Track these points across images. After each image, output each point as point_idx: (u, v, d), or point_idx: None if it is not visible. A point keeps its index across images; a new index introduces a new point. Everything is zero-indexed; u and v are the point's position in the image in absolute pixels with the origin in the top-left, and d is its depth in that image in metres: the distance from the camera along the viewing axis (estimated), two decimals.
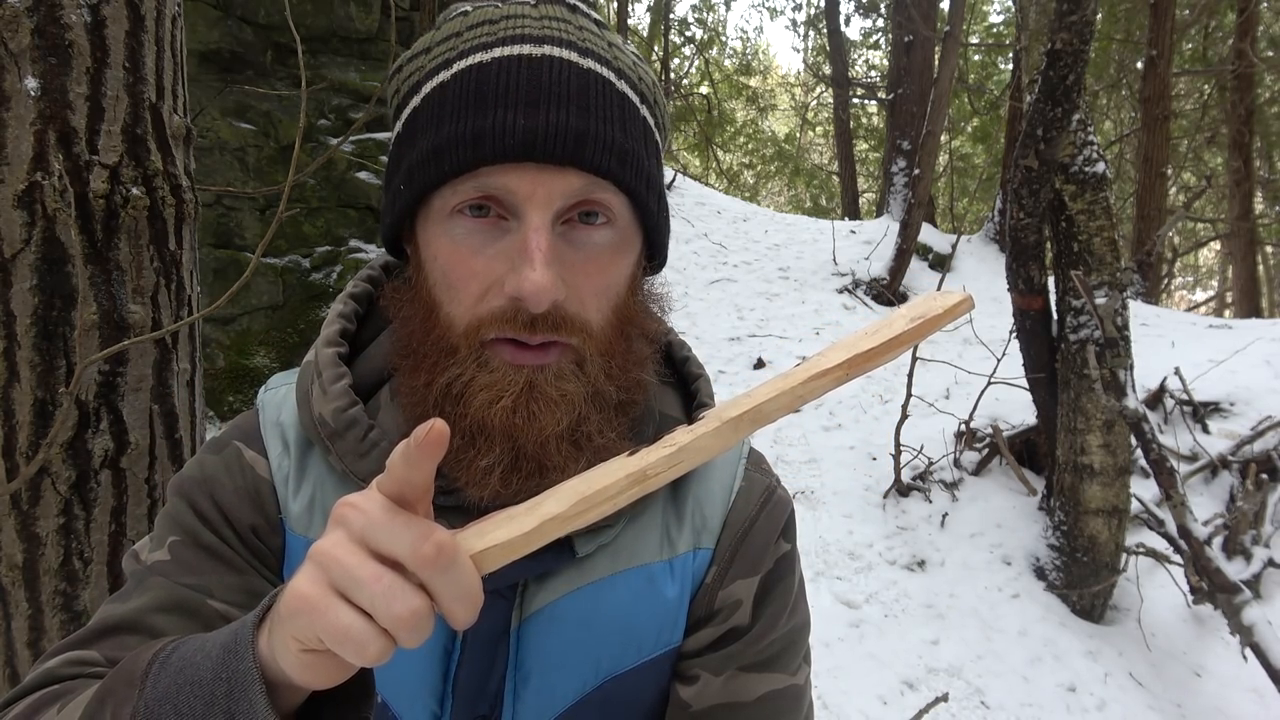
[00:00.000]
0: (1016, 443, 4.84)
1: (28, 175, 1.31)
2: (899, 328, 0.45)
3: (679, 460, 0.46)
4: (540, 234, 0.62)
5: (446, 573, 0.45)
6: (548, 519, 0.45)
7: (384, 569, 0.45)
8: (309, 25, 5.72)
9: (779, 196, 22.41)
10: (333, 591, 0.46)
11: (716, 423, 0.46)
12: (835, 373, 0.45)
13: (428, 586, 0.45)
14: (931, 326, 0.45)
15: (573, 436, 0.66)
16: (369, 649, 0.44)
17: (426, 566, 0.45)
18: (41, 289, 1.34)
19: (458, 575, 0.45)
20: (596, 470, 0.47)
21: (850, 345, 0.46)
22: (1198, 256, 21.44)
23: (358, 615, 0.45)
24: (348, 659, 0.45)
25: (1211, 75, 11.90)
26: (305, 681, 0.48)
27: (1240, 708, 3.42)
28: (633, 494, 0.46)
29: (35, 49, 1.30)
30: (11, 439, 1.35)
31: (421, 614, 0.45)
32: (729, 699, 0.75)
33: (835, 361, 0.45)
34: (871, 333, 0.46)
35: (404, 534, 0.46)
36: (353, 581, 0.45)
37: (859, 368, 0.45)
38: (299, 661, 0.47)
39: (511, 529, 0.46)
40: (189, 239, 1.56)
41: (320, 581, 0.46)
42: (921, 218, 8.01)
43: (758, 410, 0.45)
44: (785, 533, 0.81)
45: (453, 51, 0.67)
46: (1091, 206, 3.86)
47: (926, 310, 0.45)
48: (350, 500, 0.48)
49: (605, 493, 0.45)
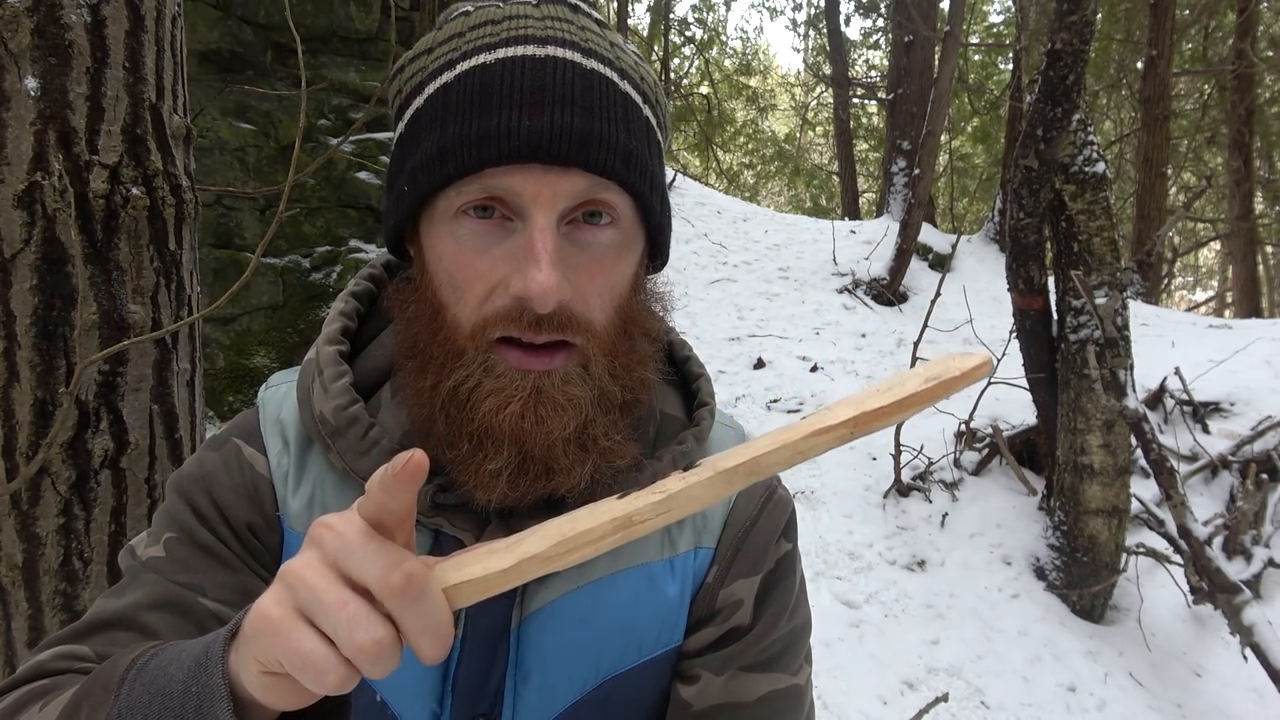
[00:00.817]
0: (1016, 443, 4.84)
1: (28, 175, 1.31)
2: (912, 388, 0.44)
3: (667, 509, 0.45)
4: (545, 235, 0.62)
5: (415, 604, 0.44)
6: (527, 558, 0.44)
7: (351, 595, 0.44)
8: (309, 25, 5.72)
9: (779, 196, 22.41)
10: (297, 614, 0.45)
11: (710, 473, 0.45)
12: (840, 430, 0.44)
13: (394, 617, 0.44)
14: (947, 389, 0.44)
15: (580, 439, 0.66)
16: (328, 677, 0.43)
17: (394, 596, 0.44)
18: (41, 289, 1.34)
19: (427, 608, 0.44)
20: (583, 511, 0.46)
21: (858, 402, 0.44)
22: (1198, 256, 21.44)
23: (320, 641, 0.44)
24: (307, 685, 0.44)
25: (1211, 75, 11.90)
26: (268, 703, 0.48)
27: (1240, 708, 3.42)
28: (616, 540, 0.45)
29: (35, 49, 1.30)
30: (11, 439, 1.35)
31: (384, 645, 0.43)
32: (730, 699, 0.75)
33: (840, 419, 0.43)
34: (883, 390, 0.44)
35: (375, 560, 0.44)
36: (318, 605, 0.44)
37: (865, 427, 0.44)
38: (260, 683, 0.47)
39: (490, 564, 0.45)
40: (189, 239, 1.56)
41: (286, 603, 0.45)
42: (921, 218, 8.00)
43: (755, 463, 0.44)
44: (786, 532, 0.81)
45: (455, 52, 0.67)
46: (1091, 206, 3.85)
47: (943, 372, 0.44)
48: (327, 521, 0.47)
49: (588, 535, 0.45)
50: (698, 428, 0.78)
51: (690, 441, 0.77)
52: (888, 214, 10.01)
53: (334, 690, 0.44)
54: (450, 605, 0.45)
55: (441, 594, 0.45)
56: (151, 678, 0.52)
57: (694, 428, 0.78)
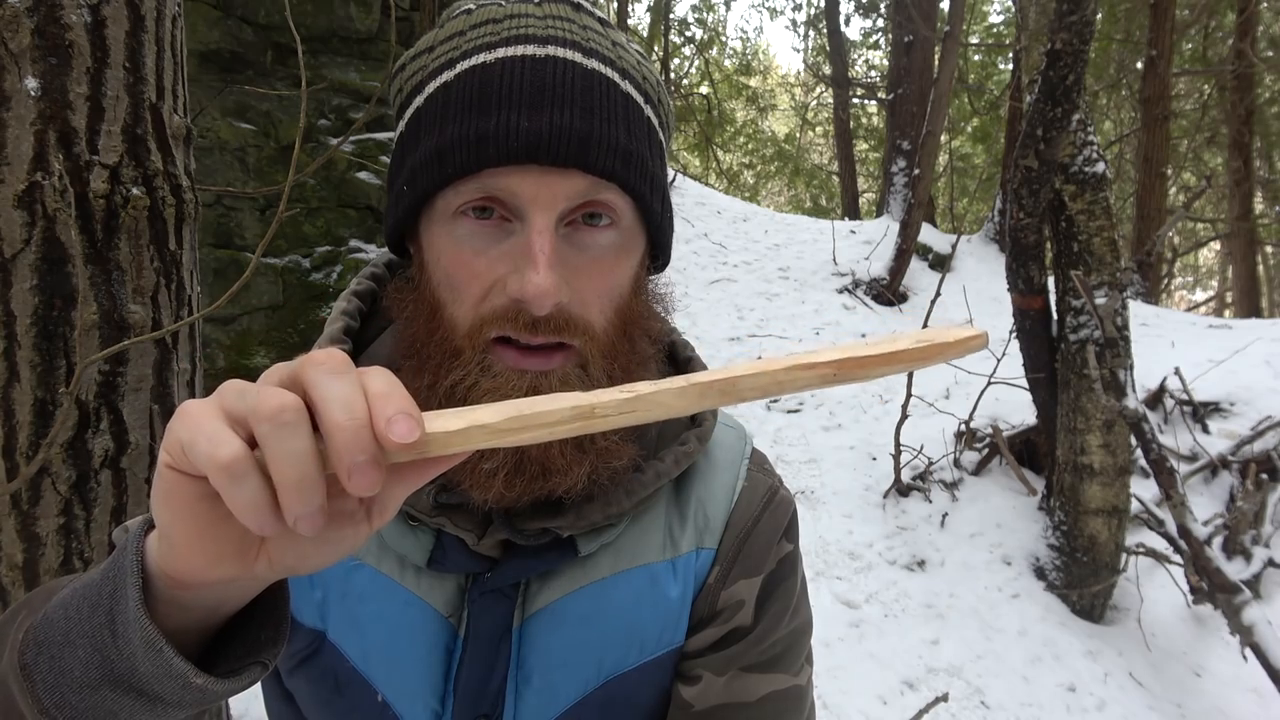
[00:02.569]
0: (1016, 443, 4.84)
1: (28, 175, 1.31)
2: (901, 344, 0.43)
3: (633, 409, 0.42)
4: (544, 236, 0.62)
5: (280, 430, 0.39)
6: (476, 425, 0.42)
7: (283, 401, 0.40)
8: (309, 25, 5.71)
9: (779, 196, 22.41)
10: (217, 406, 0.42)
11: (684, 383, 0.43)
12: (822, 369, 0.42)
13: (260, 443, 0.40)
14: (936, 353, 0.43)
15: (577, 440, 0.66)
16: (222, 448, 0.39)
17: (262, 419, 0.39)
18: (41, 289, 1.34)
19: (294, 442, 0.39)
20: (544, 395, 0.44)
21: (846, 348, 0.43)
22: (1198, 256, 21.44)
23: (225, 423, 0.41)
24: (198, 461, 0.40)
25: (1211, 75, 11.90)
26: (183, 566, 0.44)
27: (1240, 708, 3.42)
28: (574, 429, 0.42)
29: (35, 49, 1.30)
30: (11, 439, 1.35)
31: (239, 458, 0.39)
32: (731, 699, 0.75)
33: (825, 359, 0.42)
34: (872, 344, 0.43)
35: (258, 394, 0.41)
36: (237, 395, 0.42)
37: (849, 371, 0.42)
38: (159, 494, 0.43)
39: (435, 424, 0.42)
40: (189, 239, 1.56)
41: (208, 400, 0.43)
42: (921, 218, 8.00)
43: (731, 383, 0.42)
44: (788, 533, 0.81)
45: (456, 51, 0.67)
46: (1091, 206, 3.85)
47: (936, 336, 0.43)
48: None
49: (544, 418, 0.42)
50: (700, 428, 0.78)
51: (693, 441, 0.77)
52: (888, 214, 10.01)
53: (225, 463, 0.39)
54: (391, 458, 0.41)
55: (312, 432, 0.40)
56: (84, 579, 0.51)
57: (696, 428, 0.78)
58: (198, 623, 0.49)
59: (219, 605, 0.49)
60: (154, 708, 0.48)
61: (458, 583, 0.73)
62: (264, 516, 0.40)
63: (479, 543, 0.70)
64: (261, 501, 0.40)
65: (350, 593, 0.73)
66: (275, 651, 0.52)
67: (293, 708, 0.78)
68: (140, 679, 0.47)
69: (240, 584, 0.47)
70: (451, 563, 0.71)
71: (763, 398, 0.44)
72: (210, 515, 0.42)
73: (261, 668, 0.51)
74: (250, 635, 0.52)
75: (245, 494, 0.39)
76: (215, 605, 0.49)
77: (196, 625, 0.50)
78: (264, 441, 0.40)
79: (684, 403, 0.43)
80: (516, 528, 0.70)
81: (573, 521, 0.70)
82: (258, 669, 0.50)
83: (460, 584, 0.73)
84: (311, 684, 0.75)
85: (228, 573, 0.44)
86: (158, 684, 0.47)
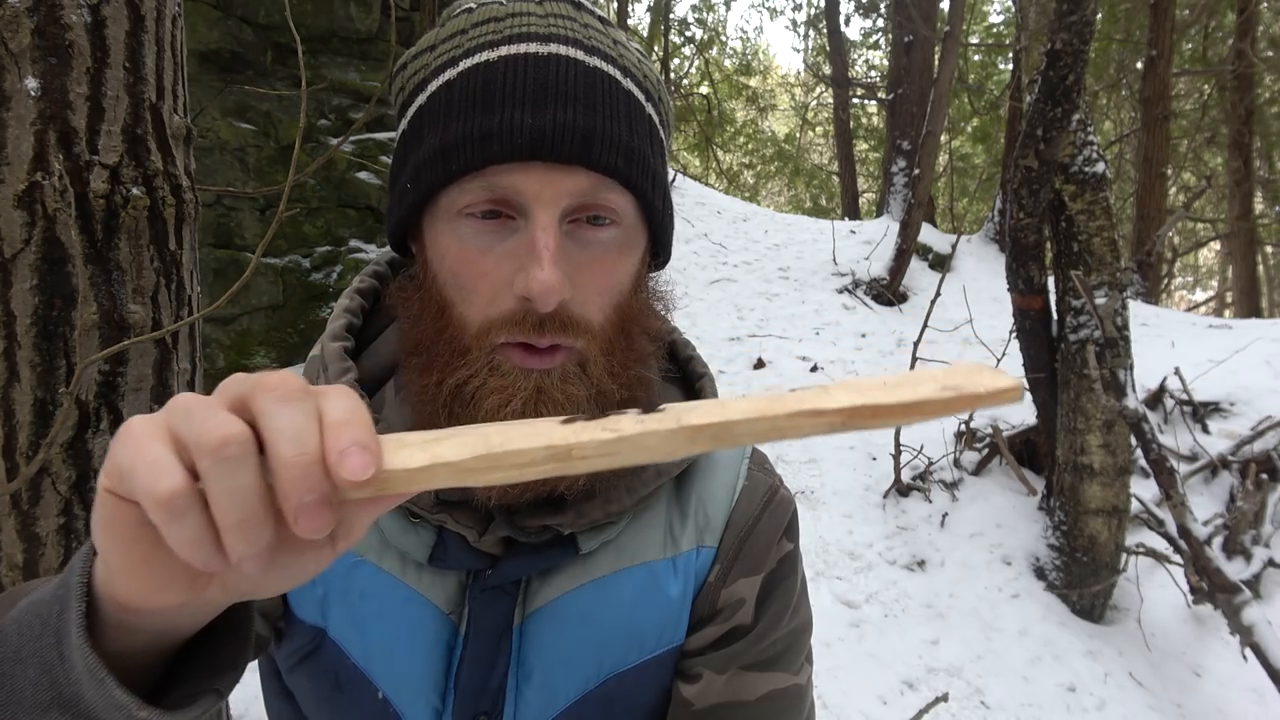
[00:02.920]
0: (1016, 443, 4.84)
1: (28, 175, 1.31)
2: (925, 393, 0.37)
3: (614, 451, 0.38)
4: (548, 233, 0.62)
5: (222, 465, 0.36)
6: (440, 463, 0.38)
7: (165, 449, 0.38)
8: (309, 25, 5.72)
9: (779, 196, 22.41)
10: (164, 428, 0.39)
11: (674, 424, 0.38)
12: (830, 418, 0.38)
13: (203, 478, 0.37)
14: (966, 405, 0.37)
15: None
16: (162, 481, 0.36)
17: (205, 453, 0.36)
18: (41, 289, 1.34)
19: (239, 478, 0.36)
20: (518, 427, 0.40)
21: (861, 391, 0.38)
22: (1198, 256, 21.44)
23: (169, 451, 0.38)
24: (136, 491, 0.37)
25: (1211, 75, 11.91)
26: (131, 589, 0.41)
27: (1240, 708, 3.42)
28: (547, 470, 0.39)
29: (35, 49, 1.30)
30: (11, 439, 1.35)
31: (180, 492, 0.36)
32: (731, 698, 0.75)
33: (835, 405, 0.38)
34: (891, 386, 0.38)
35: (202, 419, 0.37)
36: (184, 415, 0.38)
37: (860, 421, 0.38)
38: (98, 520, 0.40)
39: (396, 459, 0.38)
40: (189, 239, 1.56)
41: (156, 419, 0.40)
42: (921, 218, 8.01)
43: (724, 428, 0.38)
44: (788, 532, 0.81)
45: (458, 49, 0.67)
46: (1091, 206, 3.86)
47: (965, 385, 0.38)
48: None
49: (515, 458, 0.38)
50: None
51: None
52: (888, 214, 10.02)
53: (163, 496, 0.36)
54: (344, 494, 0.38)
55: (259, 466, 0.37)
56: (40, 592, 0.49)
57: None
58: (149, 645, 0.47)
59: (171, 629, 0.46)
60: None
61: (459, 580, 0.73)
62: (206, 554, 0.37)
63: (480, 539, 0.70)
64: (203, 539, 0.37)
65: (352, 589, 0.73)
66: (234, 676, 0.49)
67: (292, 706, 0.79)
68: (87, 706, 0.45)
69: (192, 609, 0.44)
70: (453, 559, 0.71)
71: (761, 442, 0.39)
72: (152, 542, 0.39)
73: (217, 695, 0.48)
74: (209, 657, 0.50)
75: (184, 531, 0.36)
76: (167, 629, 0.46)
77: (148, 648, 0.47)
78: (205, 477, 0.36)
79: (671, 447, 0.38)
80: (517, 525, 0.70)
81: (574, 519, 0.70)
82: (213, 696, 0.48)
83: (461, 581, 0.73)
84: (312, 681, 0.75)
85: (175, 599, 0.41)
86: (104, 713, 0.44)
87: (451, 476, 0.38)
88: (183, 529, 0.36)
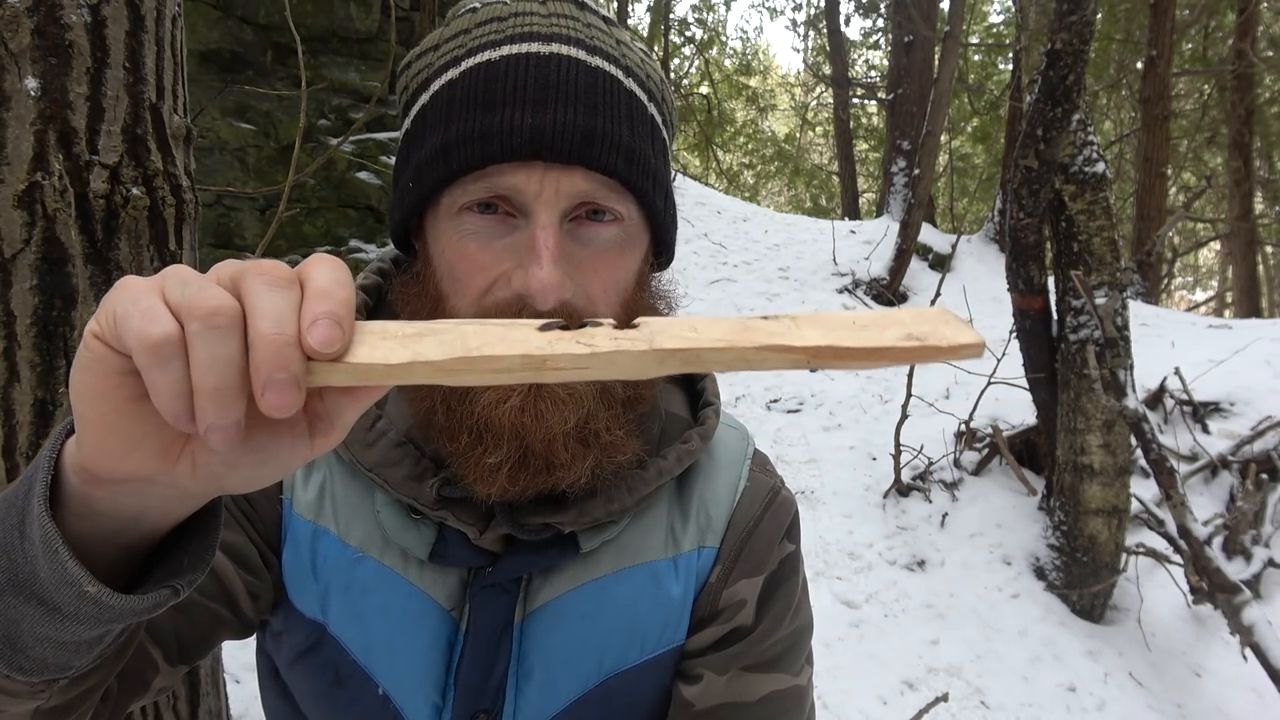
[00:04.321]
0: (1016, 443, 4.84)
1: (28, 175, 1.31)
2: (889, 339, 0.38)
3: (588, 366, 0.39)
4: (548, 232, 0.62)
5: (210, 334, 0.37)
6: (420, 361, 0.38)
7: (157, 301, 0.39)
8: (309, 25, 5.72)
9: (779, 196, 22.41)
10: (158, 289, 0.40)
11: (645, 346, 0.39)
12: (796, 355, 0.38)
13: (189, 342, 0.37)
14: (925, 355, 0.38)
15: (580, 434, 0.66)
16: (156, 326, 0.37)
17: (194, 317, 0.37)
18: (41, 289, 1.34)
19: (223, 347, 0.37)
20: (496, 328, 0.40)
21: (829, 329, 0.39)
22: (1198, 256, 21.44)
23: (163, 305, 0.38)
24: (127, 335, 0.37)
25: (1211, 75, 11.90)
26: (90, 416, 0.40)
27: (1240, 708, 3.42)
28: (521, 377, 0.39)
29: (35, 49, 1.30)
30: (11, 439, 1.35)
31: (171, 338, 0.37)
32: (732, 699, 0.75)
33: (802, 344, 0.38)
34: (859, 327, 0.39)
35: (196, 287, 0.38)
36: (179, 284, 0.39)
37: (825, 361, 0.38)
38: (80, 366, 0.40)
39: (377, 354, 0.39)
40: (189, 239, 1.56)
41: (152, 281, 0.40)
42: (921, 218, 8.01)
43: (695, 354, 0.39)
44: (790, 533, 0.81)
45: (461, 49, 0.67)
46: (1091, 206, 3.85)
47: (929, 335, 0.39)
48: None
49: (491, 363, 0.38)
50: (703, 426, 0.78)
51: (695, 440, 0.77)
52: (888, 214, 10.01)
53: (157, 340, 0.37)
54: (315, 380, 0.39)
55: (243, 341, 0.38)
56: (11, 485, 0.49)
57: (699, 426, 0.78)
58: (114, 534, 0.46)
59: (138, 515, 0.45)
60: (53, 619, 0.45)
61: (460, 577, 0.73)
62: (181, 407, 0.37)
63: (481, 537, 0.71)
64: (184, 391, 0.37)
65: (353, 585, 0.73)
66: (192, 579, 0.49)
67: (291, 705, 0.79)
68: (41, 585, 0.44)
69: (160, 490, 0.43)
70: (453, 556, 0.71)
71: (727, 371, 0.40)
72: (130, 394, 0.39)
73: (172, 592, 0.47)
74: (173, 561, 0.49)
75: (167, 379, 0.37)
76: (134, 514, 0.45)
77: (113, 537, 0.46)
78: (191, 341, 0.37)
79: (642, 366, 0.39)
80: (518, 522, 0.70)
81: (575, 517, 0.70)
82: (167, 592, 0.47)
83: (463, 578, 0.73)
84: (311, 678, 0.75)
85: (144, 466, 0.41)
86: (55, 591, 0.44)
87: (429, 374, 0.39)
88: (166, 376, 0.37)
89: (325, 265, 0.41)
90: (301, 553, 0.74)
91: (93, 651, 0.50)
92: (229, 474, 0.43)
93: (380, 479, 0.71)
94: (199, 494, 0.45)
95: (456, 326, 0.40)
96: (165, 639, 0.67)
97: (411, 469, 0.71)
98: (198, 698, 1.48)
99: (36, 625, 0.46)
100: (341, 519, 0.74)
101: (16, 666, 0.48)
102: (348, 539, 0.73)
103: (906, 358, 0.38)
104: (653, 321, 0.41)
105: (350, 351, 0.39)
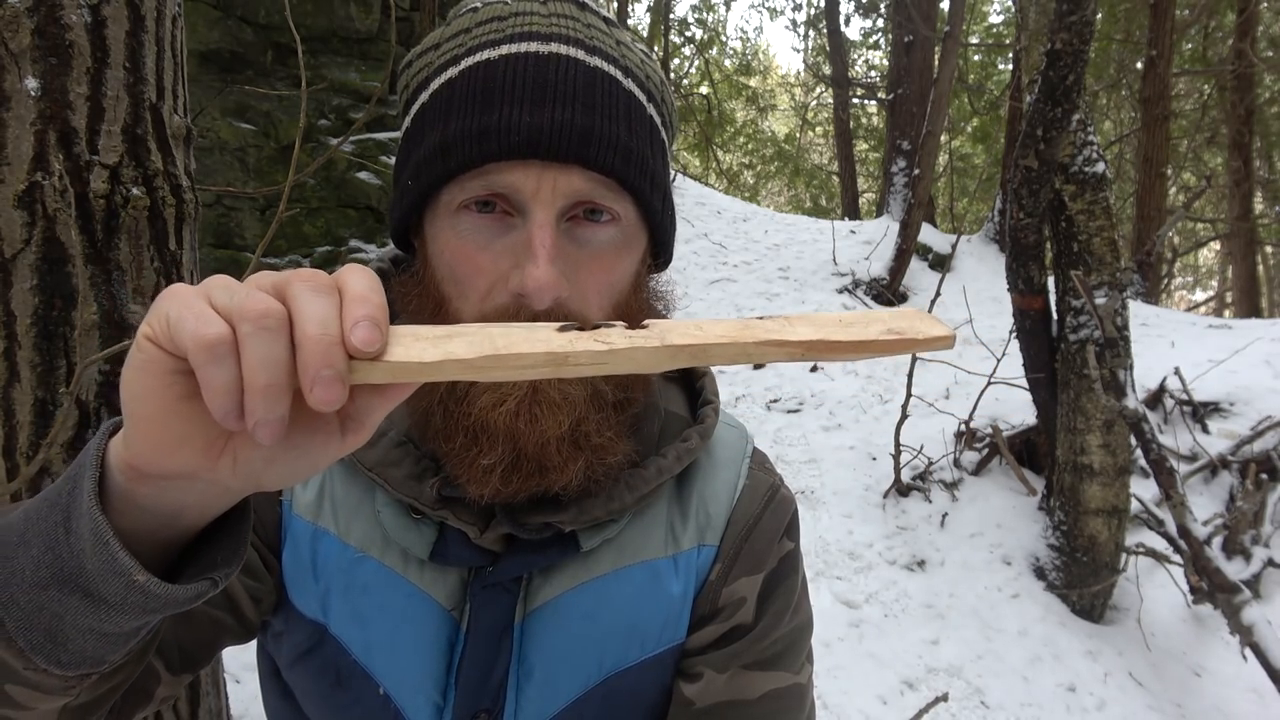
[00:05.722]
0: (1016, 443, 4.84)
1: (28, 175, 1.31)
2: (872, 334, 0.44)
3: (605, 362, 0.43)
4: (545, 231, 0.63)
5: (261, 335, 0.39)
6: (451, 359, 0.42)
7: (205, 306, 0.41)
8: (309, 25, 5.72)
9: (779, 196, 22.41)
10: (206, 296, 0.42)
11: (658, 342, 0.43)
12: (793, 348, 0.44)
13: (240, 344, 0.40)
14: (904, 347, 0.44)
15: (573, 437, 0.66)
16: (210, 327, 0.40)
17: (245, 319, 0.40)
18: (42, 289, 1.34)
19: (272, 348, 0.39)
20: (518, 330, 0.43)
21: (820, 327, 0.44)
22: (1198, 256, 21.44)
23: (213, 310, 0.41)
24: (182, 336, 0.40)
25: (1211, 75, 11.90)
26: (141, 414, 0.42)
27: (1240, 708, 3.42)
28: (544, 372, 0.43)
29: (35, 49, 1.30)
30: (11, 439, 1.35)
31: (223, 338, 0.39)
32: (732, 697, 0.75)
33: (797, 338, 0.44)
34: (846, 324, 0.45)
35: (244, 292, 0.41)
36: (225, 290, 0.42)
37: (817, 353, 0.44)
38: (133, 366, 0.42)
39: (412, 353, 0.42)
40: (189, 239, 1.56)
41: (198, 289, 0.43)
42: (921, 218, 8.01)
43: (703, 349, 0.43)
44: (789, 531, 0.81)
45: (461, 48, 0.68)
46: (1091, 206, 3.86)
47: (906, 329, 0.44)
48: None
49: (518, 360, 0.42)
50: (702, 425, 0.79)
51: (694, 438, 0.77)
52: (888, 214, 10.01)
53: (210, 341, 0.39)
54: (357, 377, 0.41)
55: (289, 342, 0.41)
56: (50, 486, 0.51)
57: (698, 425, 0.79)
58: (154, 531, 0.48)
59: (178, 511, 0.48)
60: (98, 610, 0.48)
61: (460, 576, 0.73)
62: (231, 404, 0.39)
63: (481, 536, 0.71)
64: (235, 388, 0.39)
65: (354, 585, 0.73)
66: (228, 572, 0.51)
67: (292, 705, 0.79)
68: (87, 578, 0.47)
69: (201, 486, 0.46)
70: (453, 556, 0.72)
71: (731, 364, 0.45)
72: (180, 392, 0.42)
73: (211, 584, 0.50)
74: (208, 554, 0.52)
75: (221, 376, 0.39)
76: (175, 510, 0.48)
77: (153, 533, 0.48)
78: (243, 341, 0.40)
79: (655, 361, 0.43)
80: (518, 522, 0.70)
81: (575, 516, 0.70)
82: (206, 584, 0.50)
83: (463, 577, 0.73)
84: (312, 678, 0.75)
85: (189, 462, 0.43)
86: (102, 582, 0.46)
87: (460, 371, 0.42)
88: (220, 374, 0.39)
89: (360, 273, 0.44)
90: (301, 553, 0.74)
91: (129, 644, 0.52)
92: (267, 470, 0.46)
93: (381, 478, 0.71)
94: (237, 490, 0.47)
95: (482, 329, 0.44)
96: (168, 648, 0.68)
97: (412, 468, 0.71)
98: (198, 698, 1.48)
99: (80, 617, 0.48)
100: (341, 519, 0.74)
101: (55, 660, 0.50)
102: (348, 539, 0.73)
103: (887, 349, 0.44)
104: (661, 323, 0.45)
105: (387, 351, 0.42)
